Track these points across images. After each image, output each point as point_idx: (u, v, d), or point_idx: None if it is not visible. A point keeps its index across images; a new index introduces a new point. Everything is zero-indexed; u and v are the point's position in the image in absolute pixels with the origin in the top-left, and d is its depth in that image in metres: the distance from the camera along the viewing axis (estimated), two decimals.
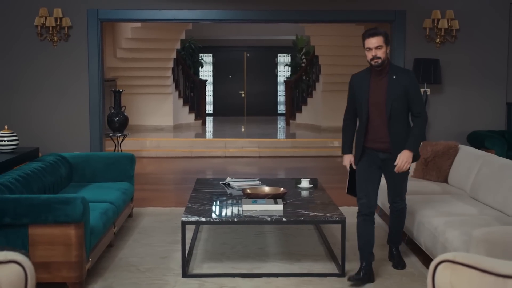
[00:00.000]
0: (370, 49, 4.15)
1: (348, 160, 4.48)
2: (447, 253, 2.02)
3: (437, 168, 5.74)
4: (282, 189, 5.00)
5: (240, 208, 4.54)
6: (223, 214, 4.51)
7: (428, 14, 7.45)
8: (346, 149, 4.51)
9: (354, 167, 4.42)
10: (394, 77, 4.19)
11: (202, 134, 13.20)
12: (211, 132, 13.81)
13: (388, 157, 4.28)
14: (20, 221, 3.91)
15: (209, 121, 16.01)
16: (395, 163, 4.20)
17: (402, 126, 4.25)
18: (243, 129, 14.14)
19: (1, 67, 7.35)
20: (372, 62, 4.16)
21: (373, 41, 4.14)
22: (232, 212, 4.53)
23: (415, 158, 4.27)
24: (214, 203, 4.84)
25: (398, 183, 4.41)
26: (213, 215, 4.44)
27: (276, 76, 18.57)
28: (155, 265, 4.60)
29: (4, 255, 1.98)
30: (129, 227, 5.69)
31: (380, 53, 4.14)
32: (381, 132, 4.24)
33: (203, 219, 4.35)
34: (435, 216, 4.49)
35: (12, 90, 7.36)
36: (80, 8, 7.34)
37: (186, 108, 13.94)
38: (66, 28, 7.30)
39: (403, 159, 4.19)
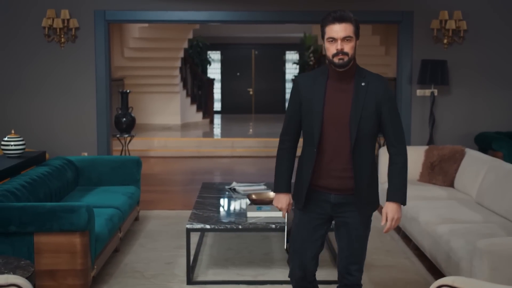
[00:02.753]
0: (334, 40, 2.90)
1: (285, 202, 3.18)
2: (446, 277, 2.01)
3: (443, 173, 5.71)
4: None
5: (245, 215, 4.56)
6: (228, 221, 4.50)
7: (436, 15, 7.40)
8: (282, 186, 3.18)
9: (289, 211, 3.23)
10: (363, 84, 2.95)
11: (210, 133, 13.22)
12: (219, 131, 13.82)
13: (345, 201, 3.02)
14: (25, 229, 3.94)
15: (217, 119, 16.03)
16: (383, 223, 3.01)
17: (367, 158, 2.99)
18: (250, 131, 14.11)
19: (8, 69, 7.37)
20: (335, 60, 2.90)
21: (339, 29, 2.89)
22: (236, 219, 4.53)
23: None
24: (219, 209, 4.85)
25: (357, 242, 3.06)
26: (218, 223, 4.44)
27: (284, 73, 18.54)
28: (160, 271, 4.62)
29: (5, 279, 2.00)
30: (135, 231, 5.71)
31: (348, 48, 2.89)
32: (339, 162, 2.99)
33: (207, 226, 4.36)
34: (440, 223, 4.47)
35: (19, 93, 7.38)
36: (87, 9, 7.35)
37: (194, 107, 13.97)
38: (73, 30, 7.31)
39: (394, 216, 2.97)
